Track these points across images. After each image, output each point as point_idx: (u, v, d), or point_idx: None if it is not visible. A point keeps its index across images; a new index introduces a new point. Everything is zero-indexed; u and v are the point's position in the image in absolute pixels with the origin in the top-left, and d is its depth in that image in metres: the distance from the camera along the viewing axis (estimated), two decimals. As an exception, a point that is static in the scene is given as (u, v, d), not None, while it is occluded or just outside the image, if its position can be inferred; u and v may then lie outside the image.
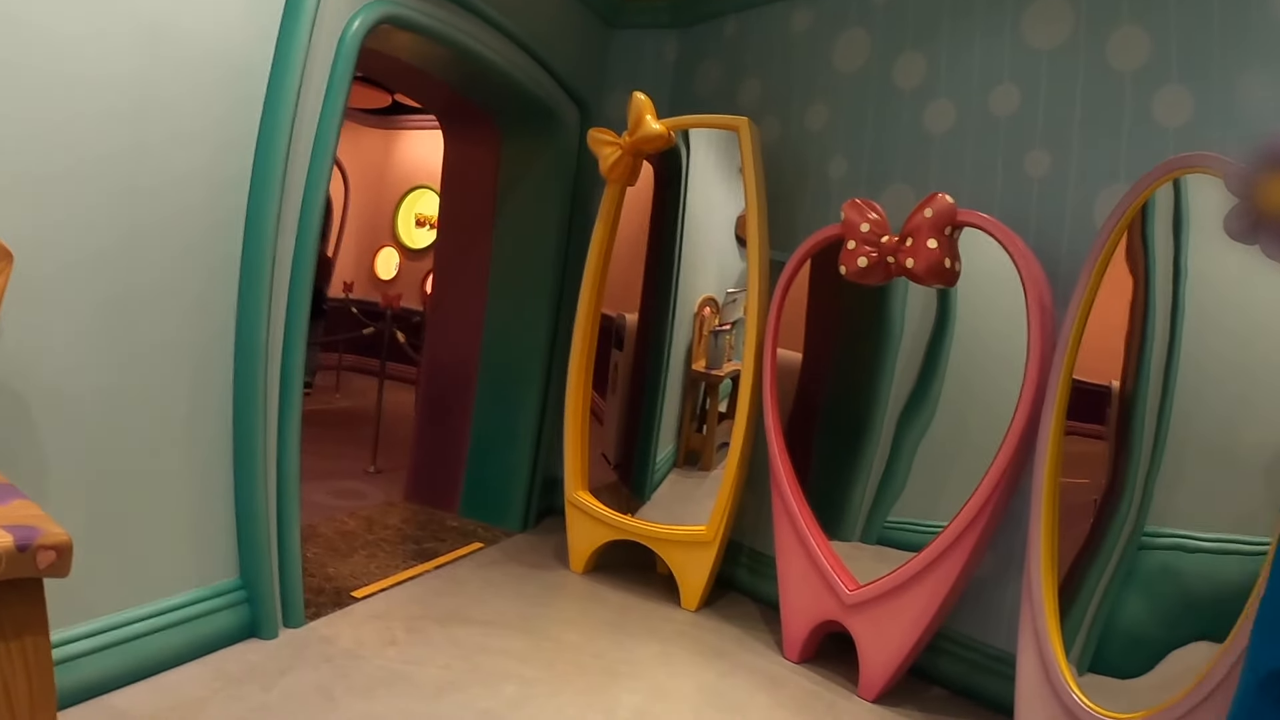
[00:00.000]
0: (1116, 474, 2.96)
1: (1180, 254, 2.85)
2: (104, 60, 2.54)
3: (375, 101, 9.54)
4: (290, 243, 3.24)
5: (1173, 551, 2.78)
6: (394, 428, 7.06)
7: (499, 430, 5.20)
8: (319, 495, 5.32)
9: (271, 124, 3.08)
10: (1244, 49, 3.08)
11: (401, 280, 11.43)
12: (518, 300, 5.16)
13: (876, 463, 3.82)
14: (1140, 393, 2.92)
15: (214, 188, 2.98)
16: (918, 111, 4.05)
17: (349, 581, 3.97)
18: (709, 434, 4.53)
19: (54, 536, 1.65)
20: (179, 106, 2.80)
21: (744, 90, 4.85)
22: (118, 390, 2.74)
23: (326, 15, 3.21)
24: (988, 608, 3.61)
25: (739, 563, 4.55)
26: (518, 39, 4.41)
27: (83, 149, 2.52)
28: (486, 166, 5.27)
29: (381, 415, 6.56)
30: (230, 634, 3.15)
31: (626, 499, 4.62)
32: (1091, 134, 3.47)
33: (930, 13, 4.05)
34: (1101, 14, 3.48)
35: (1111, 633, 2.85)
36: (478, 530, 5.04)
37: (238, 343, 3.13)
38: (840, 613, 3.58)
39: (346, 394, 9.70)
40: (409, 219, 11.47)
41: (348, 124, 3.36)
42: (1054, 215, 3.55)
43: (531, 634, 3.67)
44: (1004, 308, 3.33)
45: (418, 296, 10.82)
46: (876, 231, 3.54)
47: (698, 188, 4.55)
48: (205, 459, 3.09)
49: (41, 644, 1.67)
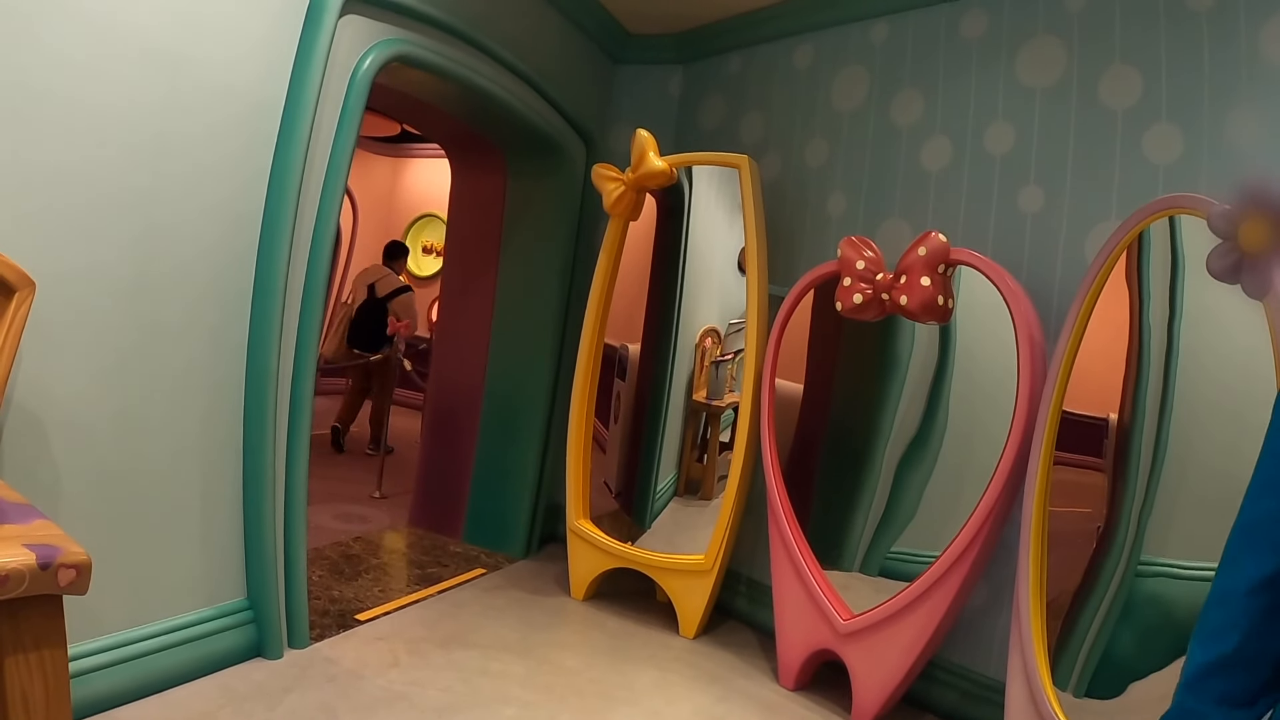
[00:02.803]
0: (1114, 504, 3.02)
1: (1176, 292, 2.91)
2: (123, 95, 2.63)
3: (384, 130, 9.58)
4: (301, 275, 3.32)
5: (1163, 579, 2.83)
6: (400, 453, 7.12)
7: (503, 457, 5.25)
8: (325, 519, 5.38)
9: (285, 159, 3.17)
10: (1233, 88, 3.17)
11: (408, 307, 11.48)
12: (522, 330, 5.23)
13: (877, 493, 3.86)
14: (1137, 424, 2.98)
15: (229, 222, 3.07)
16: (915, 148, 4.13)
17: (353, 604, 4.03)
18: (709, 464, 4.58)
19: (74, 556, 1.73)
20: (196, 141, 2.90)
21: (746, 125, 4.94)
22: (132, 416, 2.82)
23: (339, 53, 3.31)
24: (980, 637, 3.66)
25: (737, 591, 4.60)
26: (525, 75, 4.50)
27: (104, 183, 2.62)
28: (493, 198, 5.35)
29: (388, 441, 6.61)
30: (237, 653, 3.21)
31: (628, 527, 4.68)
32: (1084, 171, 3.55)
33: (927, 51, 4.15)
34: (1094, 53, 3.57)
35: (1108, 659, 2.91)
36: (480, 556, 5.09)
37: (249, 371, 3.20)
38: (834, 641, 3.63)
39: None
40: (416, 246, 11.54)
41: (357, 152, 3.43)
42: (1047, 251, 3.62)
43: (531, 658, 3.72)
44: (1003, 342, 3.38)
45: (424, 324, 10.87)
46: (872, 269, 3.61)
47: (700, 221, 4.63)
48: (215, 482, 3.16)
49: (59, 658, 1.75)
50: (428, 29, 3.75)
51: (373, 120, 8.65)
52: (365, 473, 6.70)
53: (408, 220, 11.58)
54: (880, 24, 4.35)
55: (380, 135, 10.31)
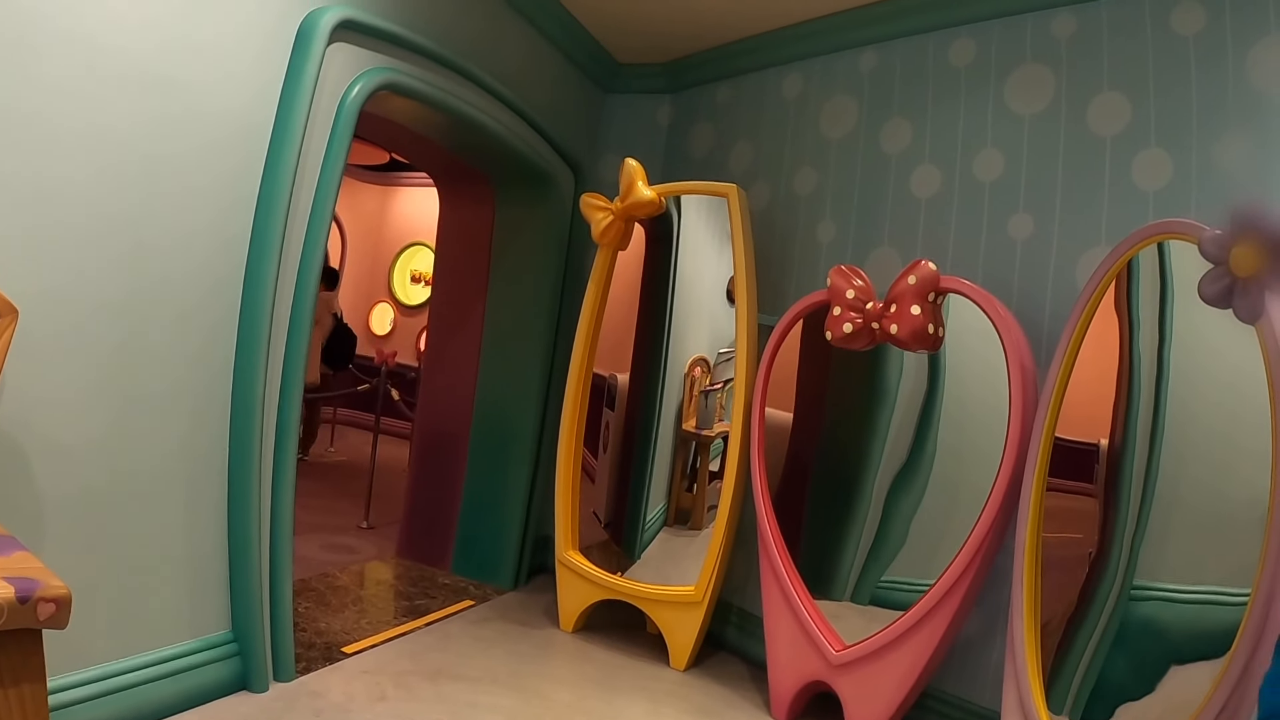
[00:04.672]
0: (1106, 530, 3.01)
1: (1166, 317, 2.92)
2: (111, 117, 2.61)
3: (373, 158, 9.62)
4: (288, 299, 3.30)
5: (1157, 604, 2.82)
6: (388, 483, 7.08)
7: (491, 488, 5.22)
8: (312, 550, 5.33)
9: (272, 184, 3.16)
10: (1221, 112, 3.19)
11: (397, 336, 11.48)
12: (511, 359, 5.20)
13: (868, 522, 3.84)
14: (1128, 449, 2.97)
15: (216, 246, 3.05)
16: (904, 176, 4.14)
17: (340, 636, 3.98)
18: (699, 493, 4.55)
19: (54, 590, 1.69)
20: (185, 164, 2.88)
21: (736, 154, 4.95)
22: (116, 443, 2.78)
23: (328, 79, 3.31)
24: (975, 666, 3.63)
25: (728, 622, 4.56)
26: (514, 105, 4.50)
27: (90, 205, 2.59)
28: (481, 228, 5.34)
29: (375, 470, 6.58)
30: (221, 686, 3.16)
31: (617, 557, 4.64)
32: (1073, 197, 3.56)
33: (916, 79, 4.17)
34: (1082, 80, 3.59)
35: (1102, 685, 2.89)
36: (469, 588, 5.05)
37: (234, 398, 3.17)
38: (827, 673, 3.60)
39: (342, 449, 9.71)
40: (405, 275, 11.55)
41: (346, 180, 3.42)
42: (1037, 278, 3.63)
43: (521, 691, 3.68)
44: (994, 369, 3.38)
45: (413, 352, 10.85)
46: (861, 298, 3.61)
47: (689, 250, 4.62)
48: (200, 512, 3.12)
49: (38, 692, 1.71)
50: (417, 58, 3.76)
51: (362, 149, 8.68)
52: (353, 502, 6.66)
53: (396, 249, 11.61)
54: (869, 52, 4.37)
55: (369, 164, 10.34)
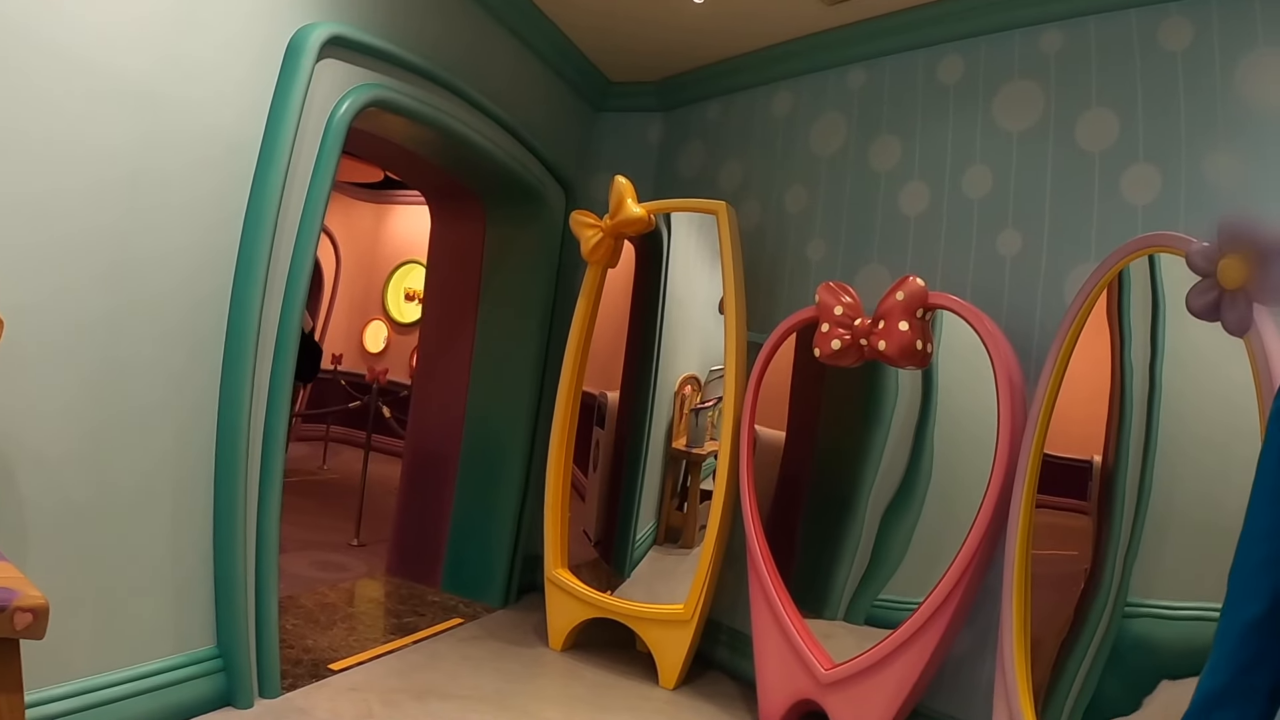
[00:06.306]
0: (1099, 546, 2.99)
1: (1156, 330, 2.92)
2: (99, 133, 2.61)
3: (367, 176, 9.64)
4: (275, 317, 3.29)
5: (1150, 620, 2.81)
6: (379, 500, 7.06)
7: (481, 506, 5.20)
8: (301, 566, 5.31)
9: (260, 201, 3.15)
10: (1209, 126, 3.21)
11: (390, 353, 11.47)
12: (501, 377, 5.20)
13: (861, 540, 3.82)
14: (1121, 465, 2.97)
15: (202, 262, 3.04)
16: (893, 193, 4.16)
17: (327, 653, 3.95)
18: (690, 512, 4.54)
19: (31, 599, 1.68)
20: (172, 180, 2.87)
21: (726, 172, 4.97)
22: (101, 457, 2.76)
23: (316, 96, 3.31)
24: (965, 685, 3.61)
25: (718, 641, 4.54)
26: (505, 122, 4.52)
27: (76, 219, 2.58)
28: (472, 245, 5.35)
29: (366, 488, 6.56)
30: (205, 702, 3.13)
31: (607, 576, 4.62)
32: (1062, 213, 3.57)
33: (904, 97, 4.18)
34: (1070, 96, 3.61)
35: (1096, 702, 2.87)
36: (458, 605, 5.02)
37: (220, 413, 3.16)
38: (816, 692, 3.58)
39: (334, 466, 9.69)
40: (398, 293, 11.55)
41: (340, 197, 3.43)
42: (1026, 293, 3.63)
43: (509, 710, 3.65)
44: (984, 385, 3.37)
45: (406, 370, 10.85)
46: (850, 314, 3.61)
47: (679, 268, 4.63)
48: (185, 526, 3.10)
49: (15, 703, 1.70)
50: (407, 74, 3.77)
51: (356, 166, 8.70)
52: (343, 519, 6.63)
53: (390, 266, 11.62)
54: (857, 70, 4.39)
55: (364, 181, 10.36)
